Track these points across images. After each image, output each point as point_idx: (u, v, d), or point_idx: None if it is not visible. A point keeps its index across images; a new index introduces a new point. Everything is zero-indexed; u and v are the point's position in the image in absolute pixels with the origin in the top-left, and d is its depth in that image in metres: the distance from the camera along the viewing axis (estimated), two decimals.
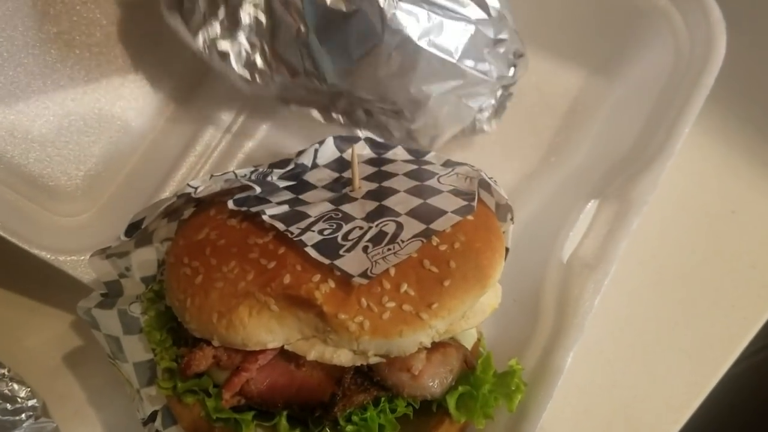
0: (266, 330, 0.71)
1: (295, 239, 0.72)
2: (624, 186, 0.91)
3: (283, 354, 0.74)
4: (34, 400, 0.89)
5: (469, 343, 0.82)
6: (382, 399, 0.74)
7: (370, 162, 0.91)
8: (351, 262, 0.70)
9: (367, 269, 0.69)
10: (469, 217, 0.77)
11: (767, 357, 1.27)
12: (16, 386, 0.89)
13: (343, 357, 0.71)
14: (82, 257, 0.92)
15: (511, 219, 0.87)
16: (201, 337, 0.74)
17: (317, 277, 0.71)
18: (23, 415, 0.87)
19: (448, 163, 0.90)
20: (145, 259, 0.87)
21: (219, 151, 1.05)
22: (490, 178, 0.83)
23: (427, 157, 0.92)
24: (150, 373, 0.83)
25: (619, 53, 1.11)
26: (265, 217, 0.74)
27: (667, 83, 1.01)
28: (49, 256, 0.92)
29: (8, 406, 0.87)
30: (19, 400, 0.88)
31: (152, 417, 0.80)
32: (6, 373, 0.89)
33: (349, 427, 0.72)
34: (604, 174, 0.97)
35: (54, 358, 0.98)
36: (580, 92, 1.13)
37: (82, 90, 1.05)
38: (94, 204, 1.04)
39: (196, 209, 0.86)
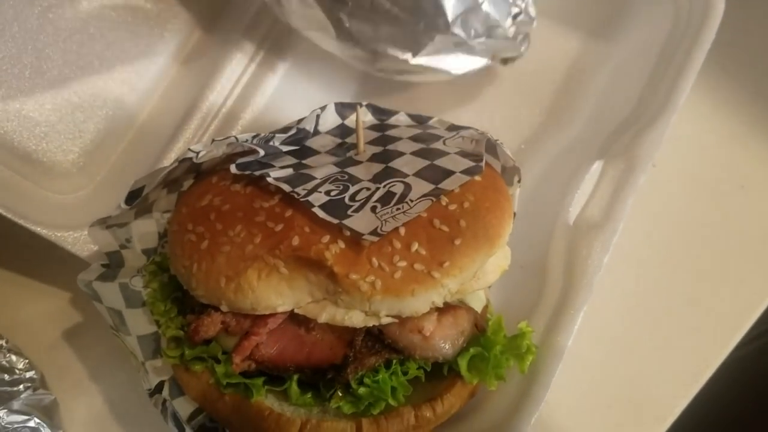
0: (276, 293, 0.70)
1: (301, 200, 0.70)
2: (629, 145, 0.90)
3: (293, 318, 0.73)
4: (33, 372, 0.87)
5: (478, 307, 0.81)
6: (394, 361, 0.73)
7: (373, 128, 0.90)
8: (360, 222, 0.69)
9: (376, 227, 0.68)
10: (477, 178, 0.76)
11: None
12: (14, 357, 0.87)
13: (354, 318, 0.70)
14: (81, 233, 0.90)
15: (519, 181, 0.86)
16: (208, 303, 0.73)
17: (327, 238, 0.70)
18: (21, 387, 0.86)
19: (452, 127, 0.89)
20: (145, 231, 0.86)
21: (216, 124, 1.03)
22: (496, 140, 0.83)
23: (431, 122, 0.91)
24: (155, 345, 0.81)
25: (617, 14, 1.10)
26: (270, 179, 0.73)
27: (667, 41, 1.00)
28: (46, 232, 0.90)
29: (6, 377, 0.85)
30: (17, 371, 0.86)
31: (158, 388, 0.79)
32: (4, 344, 0.88)
33: (362, 390, 0.71)
34: (608, 135, 0.96)
35: (53, 331, 0.96)
36: (580, 56, 1.12)
37: (75, 64, 1.03)
38: (91, 180, 1.02)
39: (196, 179, 0.84)
